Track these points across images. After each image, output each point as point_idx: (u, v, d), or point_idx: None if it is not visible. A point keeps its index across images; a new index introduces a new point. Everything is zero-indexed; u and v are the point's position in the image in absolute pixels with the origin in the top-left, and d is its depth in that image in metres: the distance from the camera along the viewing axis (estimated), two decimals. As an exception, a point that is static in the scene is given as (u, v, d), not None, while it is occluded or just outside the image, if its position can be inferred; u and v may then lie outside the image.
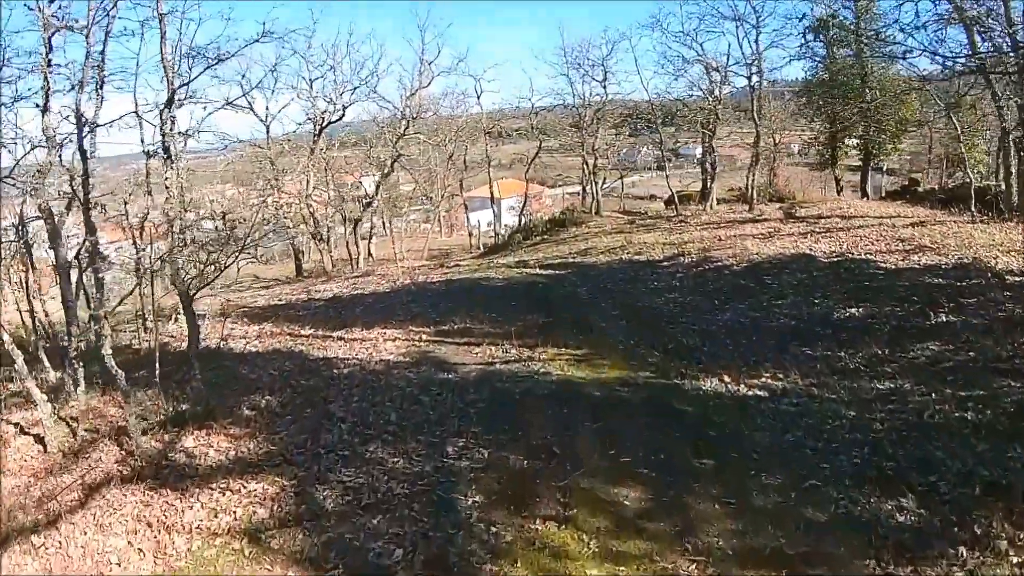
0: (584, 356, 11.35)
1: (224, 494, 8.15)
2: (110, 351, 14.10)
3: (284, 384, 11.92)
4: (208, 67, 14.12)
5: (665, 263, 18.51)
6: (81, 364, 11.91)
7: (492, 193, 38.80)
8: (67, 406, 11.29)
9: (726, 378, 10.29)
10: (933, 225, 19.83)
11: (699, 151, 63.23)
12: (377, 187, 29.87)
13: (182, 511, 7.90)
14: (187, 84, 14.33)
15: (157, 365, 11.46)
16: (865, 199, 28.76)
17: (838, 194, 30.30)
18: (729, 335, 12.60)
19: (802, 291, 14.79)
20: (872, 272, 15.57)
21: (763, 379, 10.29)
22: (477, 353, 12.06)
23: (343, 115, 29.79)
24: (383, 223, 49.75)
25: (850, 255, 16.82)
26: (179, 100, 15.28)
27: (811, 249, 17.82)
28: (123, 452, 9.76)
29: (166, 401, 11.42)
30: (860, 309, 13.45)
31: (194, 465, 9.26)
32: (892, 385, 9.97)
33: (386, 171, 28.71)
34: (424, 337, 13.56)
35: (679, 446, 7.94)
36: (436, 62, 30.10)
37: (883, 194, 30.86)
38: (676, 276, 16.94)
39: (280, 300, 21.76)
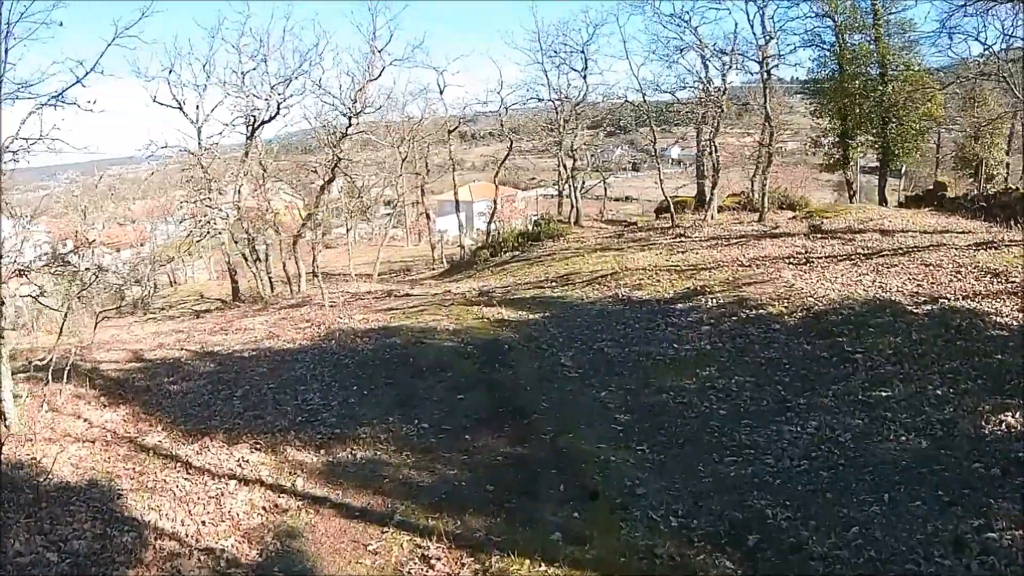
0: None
1: None
2: None
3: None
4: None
5: (680, 306, 12.31)
6: None
7: (457, 199, 32.24)
8: None
9: None
10: (1008, 247, 14.03)
11: (676, 151, 57.39)
12: (317, 197, 23.21)
13: None
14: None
15: None
16: (883, 205, 22.84)
17: (850, 199, 24.39)
18: (836, 487, 6.45)
19: (910, 371, 8.75)
20: (994, 335, 9.61)
21: None
22: (375, 553, 5.68)
23: (278, 112, 23.07)
24: (347, 230, 43.09)
25: (944, 301, 10.81)
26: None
27: (883, 288, 11.79)
28: None
29: None
30: (1018, 415, 7.44)
31: None
32: None
33: (327, 177, 22.09)
34: (299, 482, 7.22)
35: None
36: (387, 49, 23.48)
37: (902, 199, 24.95)
38: (701, 331, 10.74)
39: (176, 350, 15.38)
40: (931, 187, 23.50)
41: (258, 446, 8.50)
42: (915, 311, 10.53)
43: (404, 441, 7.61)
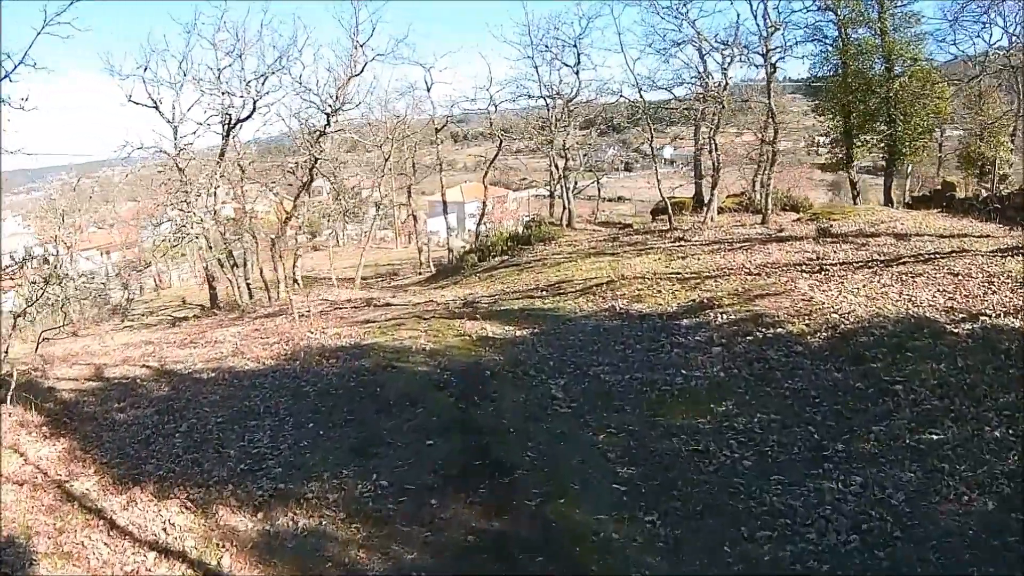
0: None
1: None
2: None
3: None
4: None
5: (685, 322, 10.79)
6: None
7: (444, 200, 30.65)
8: None
9: None
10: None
11: (668, 151, 55.80)
12: (296, 199, 21.58)
13: None
14: None
15: None
16: (889, 206, 21.42)
17: (854, 200, 22.93)
18: (899, 574, 4.96)
19: (961, 408, 7.30)
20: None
21: None
22: None
23: (254, 110, 21.43)
24: (336, 232, 41.50)
25: (985, 319, 9.35)
26: None
27: (913, 302, 10.31)
28: None
29: None
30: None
31: None
32: None
33: (305, 179, 20.47)
34: (226, 559, 5.77)
35: None
36: (370, 44, 21.86)
37: (908, 200, 23.52)
38: (712, 354, 9.23)
39: (137, 366, 14.00)
40: (939, 187, 22.08)
41: (189, 504, 6.94)
42: (955, 331, 9.05)
43: (357, 505, 6.05)
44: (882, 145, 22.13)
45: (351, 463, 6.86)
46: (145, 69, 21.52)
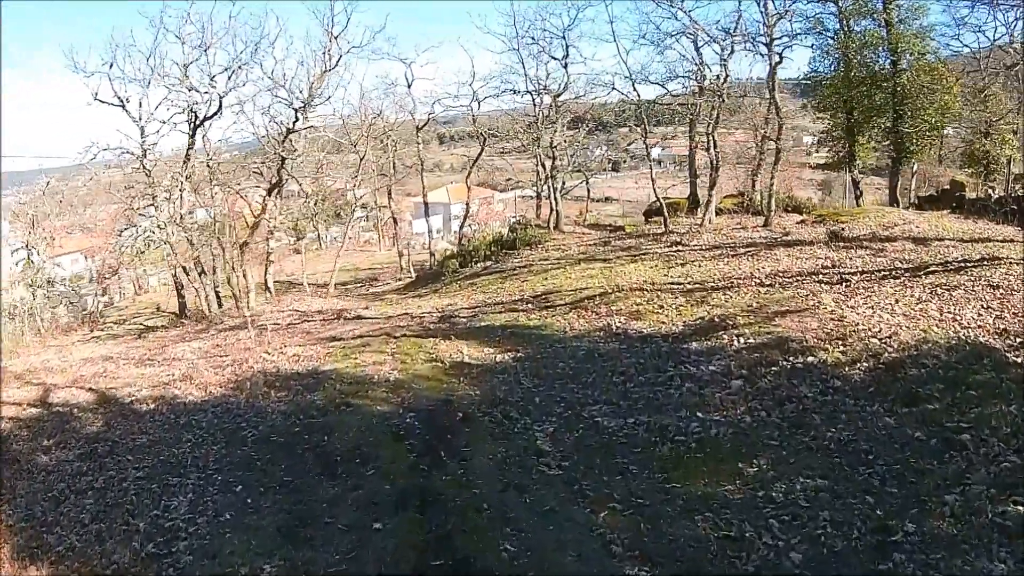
0: None
1: None
2: None
3: None
4: None
5: (695, 345, 9.13)
6: None
7: (426, 201, 28.84)
8: None
9: None
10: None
11: (656, 151, 54.15)
12: (264, 202, 19.75)
13: None
14: None
15: None
16: (896, 206, 19.90)
17: (857, 201, 21.41)
18: None
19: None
20: None
21: None
22: None
23: (220, 107, 19.57)
24: (318, 234, 39.60)
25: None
26: None
27: (959, 321, 8.79)
28: None
29: None
30: None
31: None
32: None
33: (272, 181, 18.65)
34: None
35: None
36: (344, 36, 20.05)
37: (914, 200, 22.01)
38: (732, 390, 7.59)
39: (84, 390, 12.73)
40: (947, 187, 20.59)
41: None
42: (1017, 360, 7.47)
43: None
44: (887, 142, 20.60)
45: (276, 553, 5.14)
46: (111, 66, 19.64)
